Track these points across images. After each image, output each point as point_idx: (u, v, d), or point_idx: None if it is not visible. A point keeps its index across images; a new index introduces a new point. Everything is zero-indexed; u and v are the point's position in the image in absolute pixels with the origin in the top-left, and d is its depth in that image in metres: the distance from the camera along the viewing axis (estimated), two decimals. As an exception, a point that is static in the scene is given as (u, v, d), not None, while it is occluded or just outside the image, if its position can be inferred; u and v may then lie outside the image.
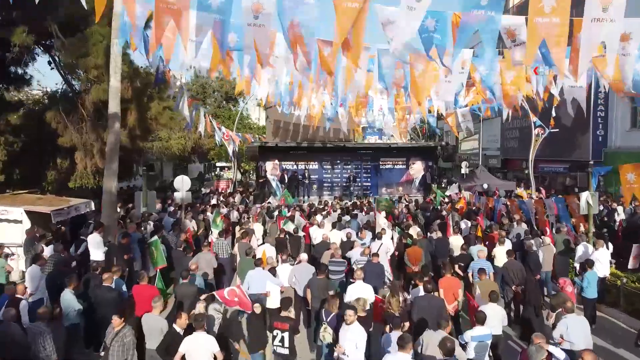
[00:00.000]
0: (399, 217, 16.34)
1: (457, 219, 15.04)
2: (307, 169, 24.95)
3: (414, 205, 18.14)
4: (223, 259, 11.44)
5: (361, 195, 22.58)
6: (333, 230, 12.76)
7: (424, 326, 6.79)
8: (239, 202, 20.54)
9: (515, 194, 21.53)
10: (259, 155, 23.50)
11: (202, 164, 42.01)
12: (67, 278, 7.47)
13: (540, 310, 7.95)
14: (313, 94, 13.61)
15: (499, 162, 31.92)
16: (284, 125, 25.15)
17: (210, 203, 17.82)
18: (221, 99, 47.39)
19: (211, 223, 14.68)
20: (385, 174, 25.62)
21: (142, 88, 12.59)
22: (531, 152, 23.31)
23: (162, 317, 6.56)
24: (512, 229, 13.43)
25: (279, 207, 17.46)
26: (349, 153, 25.17)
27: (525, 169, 29.35)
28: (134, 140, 12.35)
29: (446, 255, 11.87)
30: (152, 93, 13.29)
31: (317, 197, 23.93)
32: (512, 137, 30.77)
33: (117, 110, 10.19)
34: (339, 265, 9.74)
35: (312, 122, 22.51)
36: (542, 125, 23.34)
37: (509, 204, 16.24)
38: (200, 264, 9.98)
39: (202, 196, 20.26)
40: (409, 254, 10.71)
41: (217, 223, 14.64)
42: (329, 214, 15.89)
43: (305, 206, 18.78)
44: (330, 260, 9.81)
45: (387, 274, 9.99)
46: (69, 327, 7.37)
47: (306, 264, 9.34)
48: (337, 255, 9.95)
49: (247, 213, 17.16)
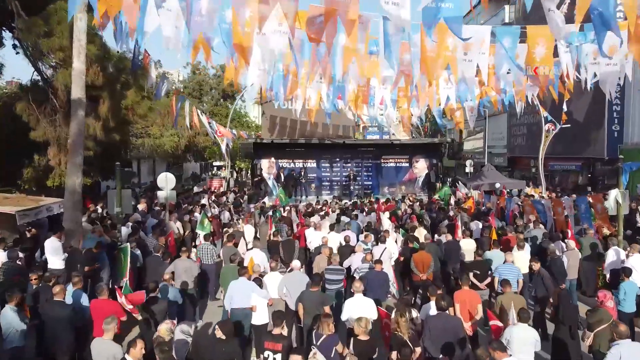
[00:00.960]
0: (402, 218, 15.10)
1: (466, 220, 13.79)
2: (305, 167, 23.71)
3: (418, 206, 16.86)
4: (208, 265, 10.21)
5: (362, 195, 21.31)
6: (331, 232, 11.52)
7: (438, 353, 5.57)
8: (232, 202, 19.32)
9: (526, 193, 20.25)
10: (253, 153, 22.26)
11: (197, 163, 40.76)
12: (8, 292, 6.23)
13: (576, 330, 6.69)
14: (309, 84, 12.37)
15: (505, 160, 30.68)
16: (280, 121, 23.92)
17: (200, 203, 16.57)
18: (218, 97, 46.27)
19: (197, 225, 13.49)
20: (387, 173, 24.36)
21: (115, 74, 11.31)
22: (541, 149, 22.07)
23: (115, 343, 5.31)
24: (528, 231, 12.21)
25: (274, 208, 16.22)
26: (349, 150, 23.92)
27: (533, 167, 28.15)
28: (109, 133, 11.07)
29: (457, 261, 10.64)
30: (128, 80, 11.98)
31: (315, 197, 22.70)
32: (520, 134, 29.54)
33: (82, 95, 8.94)
34: (336, 274, 8.49)
35: (309, 117, 21.42)
36: (553, 120, 22.11)
37: (522, 204, 15.00)
38: (178, 273, 8.76)
39: (192, 195, 19.02)
40: (415, 260, 9.47)
41: (204, 225, 13.40)
42: (327, 214, 14.65)
43: (302, 206, 17.54)
44: (327, 268, 8.57)
45: (391, 284, 8.75)
46: (12, 350, 6.15)
47: (299, 273, 8.11)
48: (334, 261, 8.71)
49: (240, 214, 15.94)
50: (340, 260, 9.10)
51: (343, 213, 14.62)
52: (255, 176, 22.92)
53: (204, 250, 10.29)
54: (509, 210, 14.62)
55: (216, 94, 46.52)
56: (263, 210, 15.74)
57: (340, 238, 11.06)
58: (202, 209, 15.59)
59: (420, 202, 17.36)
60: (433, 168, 23.65)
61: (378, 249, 9.83)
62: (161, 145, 28.35)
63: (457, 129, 16.34)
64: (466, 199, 16.49)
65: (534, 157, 27.57)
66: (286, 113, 23.48)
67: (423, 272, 9.44)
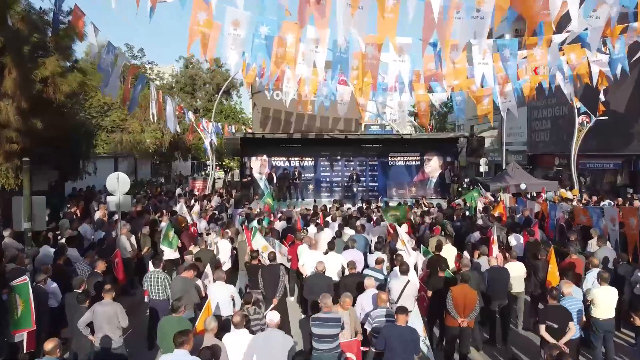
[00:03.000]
0: (418, 230, 12.10)
1: (501, 232, 10.82)
2: (302, 165, 20.72)
3: (437, 212, 13.80)
4: (158, 302, 7.25)
5: (366, 198, 18.31)
6: (330, 253, 8.55)
7: None
8: (216, 207, 16.34)
9: (559, 196, 17.23)
10: (242, 150, 19.27)
11: (188, 162, 37.74)
12: None
13: None
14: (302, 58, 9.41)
15: (524, 158, 27.71)
16: (274, 113, 20.92)
17: (170, 209, 13.59)
18: (213, 92, 43.45)
19: (162, 239, 10.55)
20: (396, 172, 21.34)
21: (25, 34, 8.31)
22: (574, 144, 19.17)
23: None
24: (591, 250, 9.26)
25: (260, 216, 13.23)
26: (351, 147, 20.90)
27: (558, 165, 25.17)
28: (25, 116, 8.13)
29: (504, 295, 7.68)
30: (46, 43, 8.95)
31: (313, 199, 19.76)
32: (542, 129, 26.53)
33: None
34: (329, 326, 5.49)
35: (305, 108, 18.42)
36: (588, 111, 19.14)
37: (569, 211, 12.00)
38: (98, 323, 5.81)
39: (164, 199, 16.00)
40: (456, 298, 6.51)
41: (169, 239, 10.50)
42: (327, 224, 11.64)
43: (297, 212, 14.56)
44: (314, 317, 5.60)
45: (422, 341, 5.77)
46: None
47: (278, 334, 5.13)
48: (326, 306, 5.69)
49: (218, 223, 12.96)
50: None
51: (346, 223, 11.63)
52: (244, 176, 19.94)
53: (152, 279, 7.33)
54: (555, 220, 11.58)
55: (210, 89, 43.67)
56: (249, 219, 12.77)
57: (342, 262, 8.09)
58: (171, 216, 12.65)
59: (439, 207, 14.33)
60: (448, 167, 20.61)
61: (397, 282, 6.86)
62: (142, 142, 25.40)
63: (479, 122, 13.29)
64: (491, 204, 13.40)
65: (560, 154, 24.64)
66: (280, 105, 20.54)
67: (464, 315, 6.50)
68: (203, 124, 18.32)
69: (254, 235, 9.36)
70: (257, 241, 9.27)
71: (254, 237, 9.29)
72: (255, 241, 9.26)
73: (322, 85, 12.24)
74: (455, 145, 20.86)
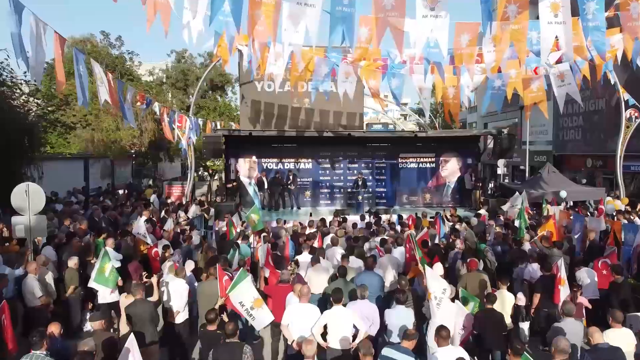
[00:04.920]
0: (446, 259, 8.95)
1: (561, 261, 7.71)
2: (297, 168, 17.73)
3: (464, 229, 10.72)
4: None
5: (374, 209, 15.25)
6: (336, 307, 5.53)
7: None
8: (192, 220, 13.23)
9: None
10: (226, 150, 16.22)
11: (177, 163, 34.69)
12: None
13: None
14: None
15: (550, 160, 24.63)
16: (265, 107, 17.86)
17: (125, 227, 10.53)
18: (206, 88, 40.62)
19: (95, 274, 7.56)
20: (407, 176, 18.29)
21: None
22: (620, 142, 16.21)
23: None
24: None
25: (242, 234, 10.21)
26: (355, 146, 17.83)
27: (591, 167, 22.12)
28: None
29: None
30: None
31: (309, 208, 16.77)
32: (572, 127, 23.48)
33: None
34: None
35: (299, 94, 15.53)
36: (637, 105, 16.15)
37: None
38: None
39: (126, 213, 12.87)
40: None
41: (104, 274, 7.55)
42: (323, 253, 8.54)
43: (288, 229, 11.57)
44: None
45: None
46: None
47: None
48: None
49: (182, 246, 9.92)
50: None
51: (351, 250, 8.56)
52: (229, 181, 16.90)
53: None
54: (634, 246, 8.45)
55: (204, 84, 40.85)
56: (222, 244, 9.72)
57: (349, 325, 5.07)
58: (121, 237, 9.60)
59: (468, 222, 11.25)
60: (468, 170, 17.54)
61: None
62: (117, 140, 22.40)
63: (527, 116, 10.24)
64: (543, 221, 10.27)
65: (593, 154, 21.60)
66: (273, 98, 17.55)
67: None
68: (173, 119, 15.26)
69: (238, 281, 6.16)
70: (240, 292, 6.08)
71: (236, 285, 6.12)
72: (238, 291, 6.08)
73: (319, 62, 9.19)
74: (477, 145, 17.80)
